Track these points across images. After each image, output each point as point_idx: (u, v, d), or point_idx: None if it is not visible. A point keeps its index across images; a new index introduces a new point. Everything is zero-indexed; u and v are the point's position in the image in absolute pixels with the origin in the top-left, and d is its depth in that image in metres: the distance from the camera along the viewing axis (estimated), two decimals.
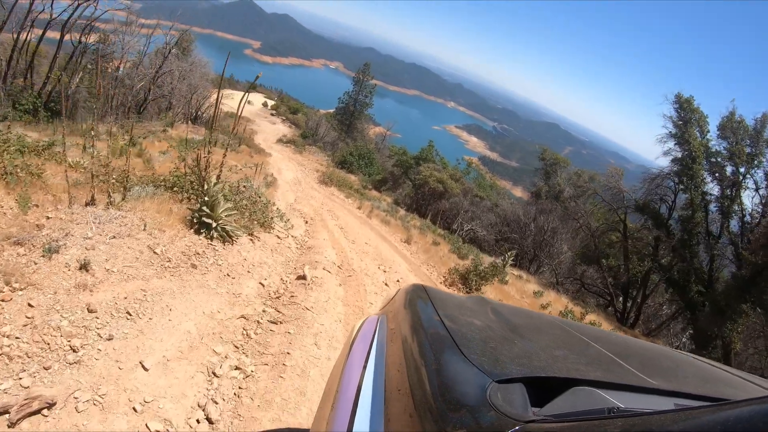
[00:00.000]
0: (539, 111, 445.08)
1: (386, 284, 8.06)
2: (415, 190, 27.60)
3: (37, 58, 21.16)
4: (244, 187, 8.74)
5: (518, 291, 13.19)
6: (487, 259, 18.25)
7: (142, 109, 24.68)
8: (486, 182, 53.29)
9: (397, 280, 8.45)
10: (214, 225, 6.15)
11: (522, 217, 23.67)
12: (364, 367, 1.35)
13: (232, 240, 6.50)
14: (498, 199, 39.30)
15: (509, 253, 16.27)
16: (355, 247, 9.70)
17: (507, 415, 0.83)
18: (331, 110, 50.83)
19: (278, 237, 8.00)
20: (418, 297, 1.62)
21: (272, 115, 52.25)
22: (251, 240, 7.13)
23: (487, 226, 24.54)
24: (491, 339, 1.34)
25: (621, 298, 22.40)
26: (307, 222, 10.65)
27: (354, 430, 1.09)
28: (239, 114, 7.84)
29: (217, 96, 7.92)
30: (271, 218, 8.29)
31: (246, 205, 7.84)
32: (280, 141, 35.25)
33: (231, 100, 54.57)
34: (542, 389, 1.00)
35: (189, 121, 27.15)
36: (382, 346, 1.45)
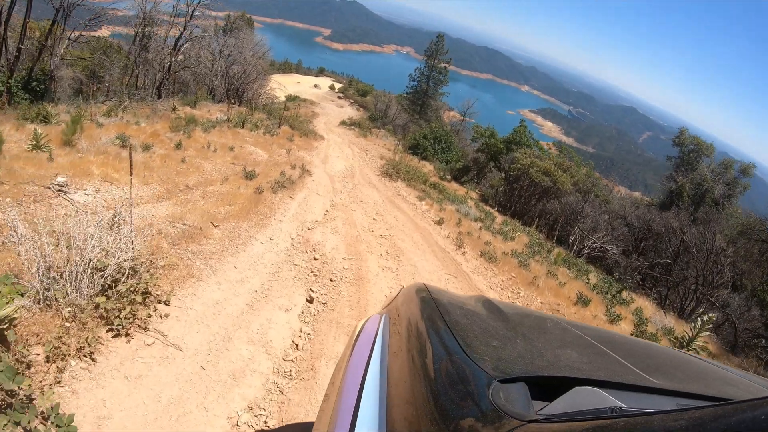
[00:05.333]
0: (616, 94, 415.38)
1: None
2: (509, 184, 20.89)
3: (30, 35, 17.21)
4: None
5: None
6: (649, 313, 11.56)
7: (161, 85, 20.25)
8: (581, 172, 44.88)
9: None
10: None
11: (678, 230, 15.84)
12: (367, 366, 1.33)
13: None
14: (605, 195, 31.52)
15: (707, 318, 9.22)
16: None
17: (509, 415, 0.81)
18: (404, 93, 45.32)
19: None
20: (420, 296, 1.61)
21: (339, 98, 49.18)
22: None
23: (614, 238, 17.36)
24: (494, 338, 1.34)
25: None
26: (312, 300, 4.78)
27: (357, 427, 1.07)
28: None
29: None
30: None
31: None
32: (343, 123, 30.93)
33: (297, 85, 52.02)
34: (545, 389, 0.98)
35: (227, 99, 22.53)
36: (385, 345, 1.44)
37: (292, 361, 3.70)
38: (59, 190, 5.80)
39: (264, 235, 6.05)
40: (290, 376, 3.51)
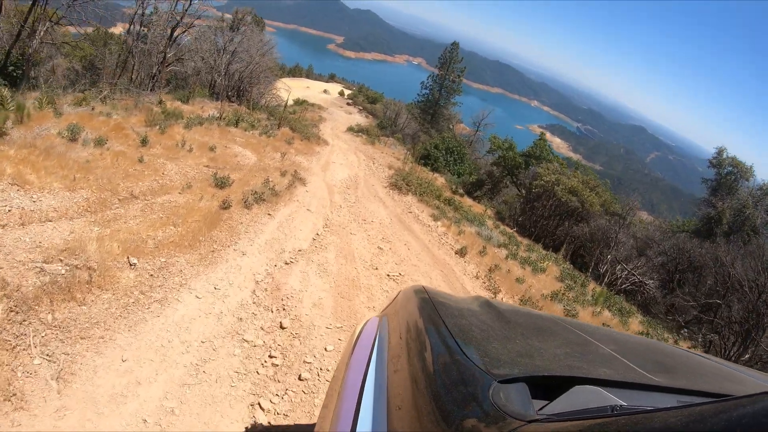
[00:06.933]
0: (626, 113, 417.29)
1: None
2: (528, 202, 18.97)
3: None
4: None
5: None
6: None
7: (154, 77, 18.75)
8: (607, 192, 42.87)
9: None
10: None
11: (729, 265, 13.68)
12: (367, 368, 1.30)
13: None
14: (629, 218, 29.51)
15: None
16: None
17: (510, 415, 0.81)
18: (415, 102, 44.03)
19: None
20: (419, 298, 1.56)
21: (348, 104, 47.70)
22: None
23: (649, 269, 15.34)
24: (493, 338, 1.31)
25: None
26: None
27: (358, 429, 1.06)
28: None
29: None
30: None
31: None
32: (350, 129, 29.35)
33: (307, 89, 50.92)
34: (545, 388, 0.96)
35: (226, 97, 20.96)
36: (384, 347, 1.41)
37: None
38: None
39: (207, 281, 3.94)
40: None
